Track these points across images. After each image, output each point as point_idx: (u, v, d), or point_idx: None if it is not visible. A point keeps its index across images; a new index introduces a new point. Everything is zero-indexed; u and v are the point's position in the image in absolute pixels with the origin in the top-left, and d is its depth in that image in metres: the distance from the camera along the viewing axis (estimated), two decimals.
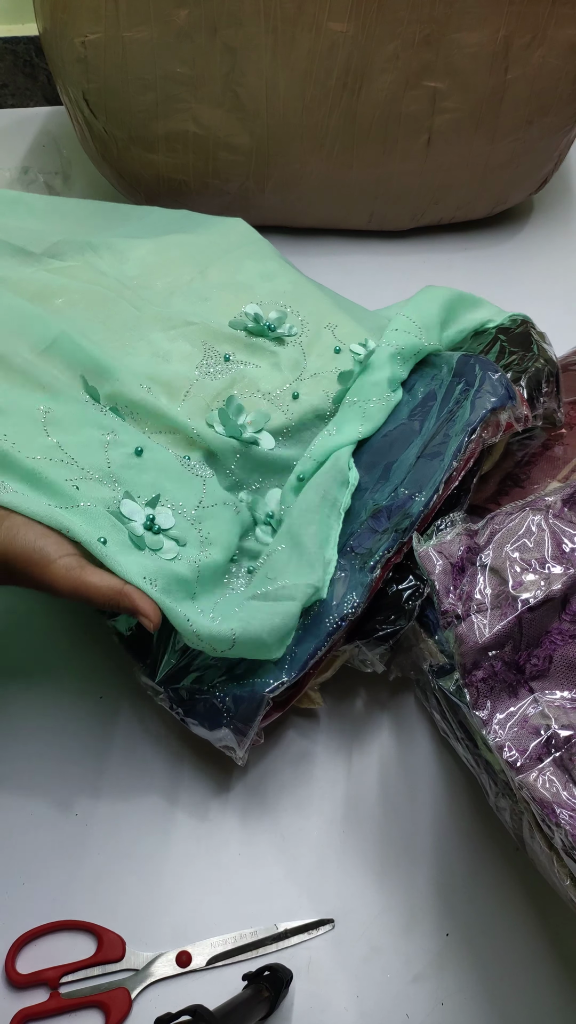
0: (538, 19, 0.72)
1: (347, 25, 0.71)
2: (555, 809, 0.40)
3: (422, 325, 0.61)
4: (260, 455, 0.58)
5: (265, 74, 0.71)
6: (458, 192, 0.85)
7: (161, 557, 0.49)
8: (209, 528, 0.53)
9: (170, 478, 0.53)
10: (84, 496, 0.49)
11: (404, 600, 0.53)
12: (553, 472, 0.63)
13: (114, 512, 0.50)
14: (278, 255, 0.72)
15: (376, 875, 0.53)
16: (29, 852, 0.53)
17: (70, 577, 0.45)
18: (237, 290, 0.67)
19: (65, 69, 0.77)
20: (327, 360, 0.62)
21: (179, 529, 0.52)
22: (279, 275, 0.69)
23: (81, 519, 0.48)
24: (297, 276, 0.70)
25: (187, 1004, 0.43)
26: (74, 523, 0.47)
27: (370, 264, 0.89)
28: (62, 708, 0.59)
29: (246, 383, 0.60)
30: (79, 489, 0.49)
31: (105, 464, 0.51)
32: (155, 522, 0.51)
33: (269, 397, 0.60)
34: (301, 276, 0.70)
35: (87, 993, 0.49)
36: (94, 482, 0.50)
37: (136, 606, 0.46)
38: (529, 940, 0.51)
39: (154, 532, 0.50)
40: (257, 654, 0.50)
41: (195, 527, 0.52)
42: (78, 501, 0.48)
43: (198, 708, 0.51)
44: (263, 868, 0.53)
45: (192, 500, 0.53)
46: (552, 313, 0.72)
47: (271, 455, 0.58)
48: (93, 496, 0.49)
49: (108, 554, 0.47)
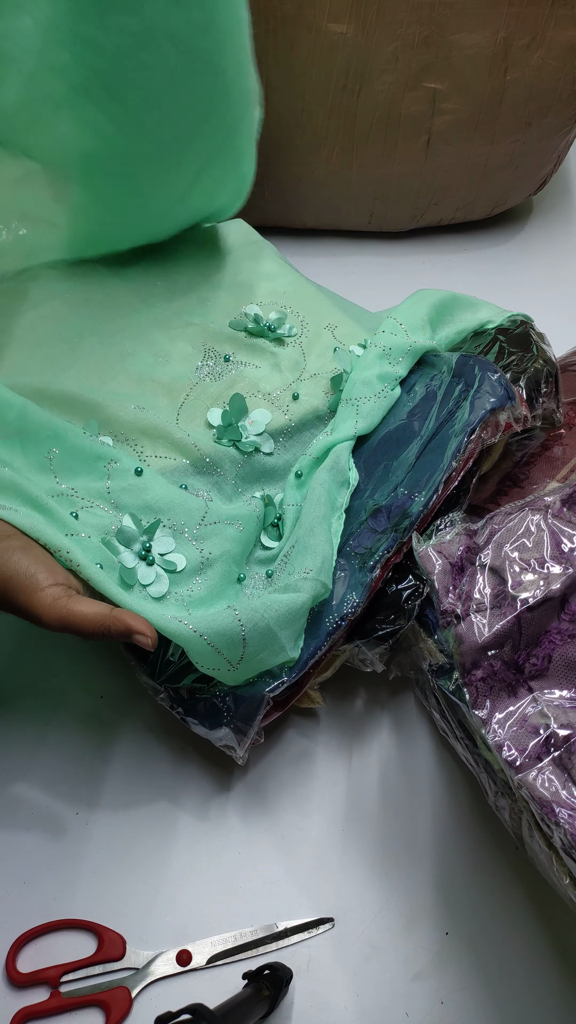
0: (537, 20, 0.72)
1: (346, 26, 0.72)
2: (554, 808, 0.40)
3: (409, 326, 0.61)
4: (260, 464, 0.58)
5: (265, 75, 0.70)
6: (458, 193, 0.86)
7: (149, 595, 0.50)
8: (211, 547, 0.53)
9: (170, 498, 0.53)
10: (83, 526, 0.50)
11: (404, 600, 0.53)
12: (552, 472, 0.63)
13: (106, 542, 0.50)
14: (278, 255, 0.72)
15: (376, 874, 0.53)
16: (29, 852, 0.53)
17: (57, 606, 0.44)
18: (237, 290, 0.67)
19: None
20: (327, 361, 0.63)
21: (180, 551, 0.52)
22: (279, 276, 0.70)
23: (79, 547, 0.48)
24: (296, 276, 0.70)
25: (187, 1003, 0.43)
26: (73, 548, 0.47)
27: (370, 265, 0.89)
28: (62, 708, 0.59)
29: (246, 384, 0.61)
30: (78, 519, 0.50)
31: (105, 491, 0.52)
32: (151, 551, 0.51)
33: (269, 398, 0.60)
34: (301, 277, 0.71)
35: (87, 992, 0.49)
36: (95, 509, 0.51)
37: (128, 626, 0.45)
38: (529, 939, 0.51)
39: (148, 563, 0.51)
40: (271, 649, 0.49)
41: (196, 546, 0.52)
42: (79, 531, 0.49)
43: (198, 707, 0.52)
44: (263, 867, 0.53)
45: (194, 519, 0.53)
46: (551, 314, 0.73)
47: (271, 463, 0.58)
48: (92, 524, 0.50)
49: (103, 580, 0.47)
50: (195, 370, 0.61)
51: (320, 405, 0.61)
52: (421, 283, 0.68)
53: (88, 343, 0.61)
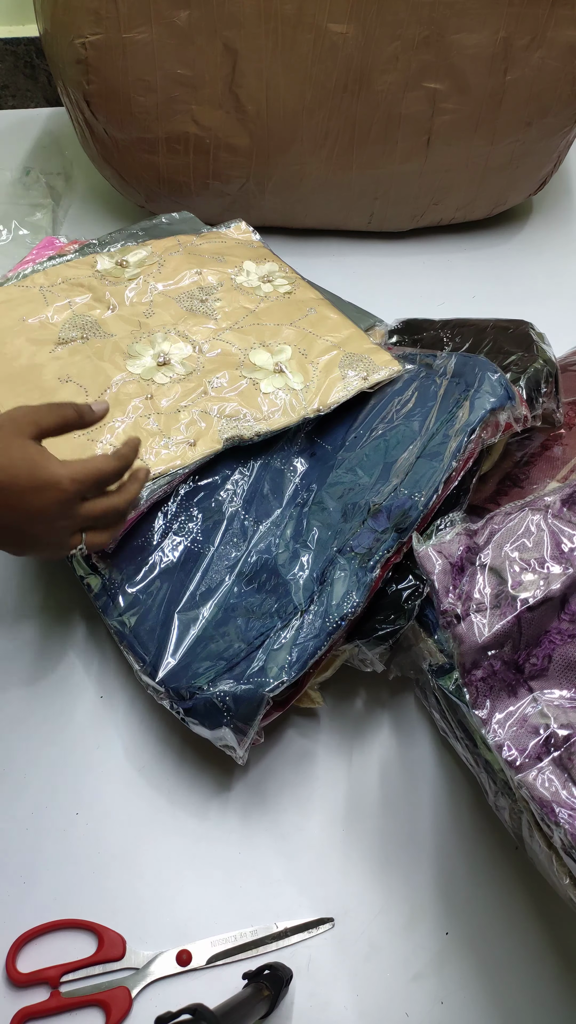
0: (537, 21, 0.72)
1: (347, 27, 0.72)
2: (554, 808, 0.40)
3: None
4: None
5: (265, 75, 0.71)
6: (458, 193, 0.86)
7: None
8: None
9: None
10: None
11: (404, 600, 0.53)
12: (552, 472, 0.63)
13: None
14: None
15: (376, 874, 0.53)
16: (29, 852, 0.53)
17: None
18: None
19: (65, 70, 0.77)
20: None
21: None
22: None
23: None
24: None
25: (187, 1003, 0.43)
26: None
27: (370, 265, 0.89)
28: (62, 708, 0.59)
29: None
30: None
31: None
32: None
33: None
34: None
35: (88, 992, 0.49)
36: None
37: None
38: (528, 939, 0.51)
39: None
40: None
41: None
42: None
43: (198, 707, 0.52)
44: (263, 867, 0.53)
45: None
46: (551, 313, 0.73)
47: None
48: None
49: None
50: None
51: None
52: (421, 283, 0.68)
53: None
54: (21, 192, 0.95)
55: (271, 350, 0.65)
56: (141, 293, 0.68)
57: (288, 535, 0.58)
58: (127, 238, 0.74)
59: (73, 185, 0.98)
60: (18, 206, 0.93)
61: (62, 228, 0.94)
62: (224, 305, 0.68)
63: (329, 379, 0.63)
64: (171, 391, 0.62)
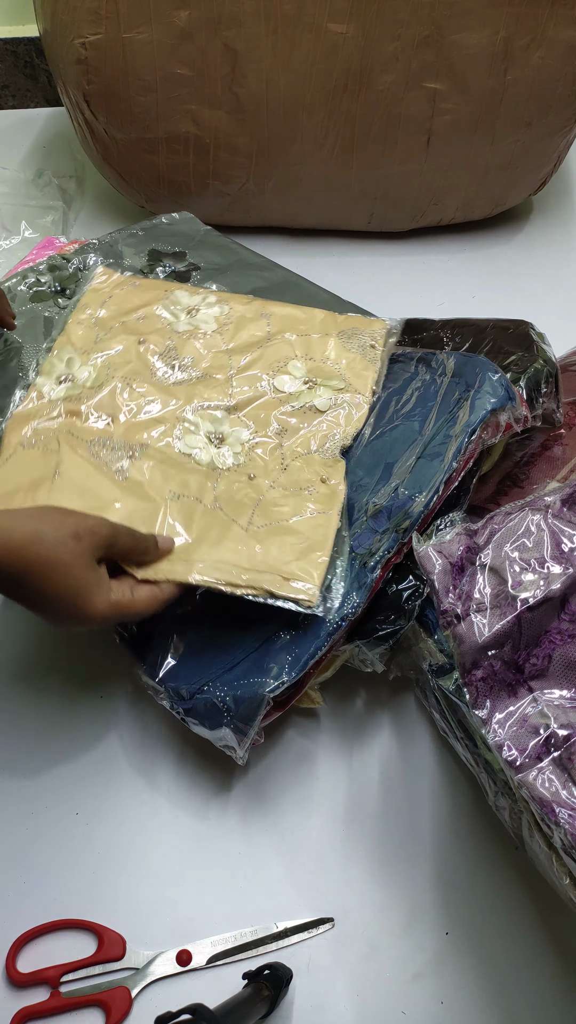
0: (537, 21, 0.72)
1: (347, 26, 0.72)
2: (554, 808, 0.40)
3: None
4: None
5: (265, 75, 0.71)
6: (458, 193, 0.86)
7: None
8: None
9: None
10: None
11: (404, 600, 0.53)
12: (552, 472, 0.63)
13: None
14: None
15: (376, 874, 0.53)
16: (29, 852, 0.53)
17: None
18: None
19: (65, 70, 0.77)
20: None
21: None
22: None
23: None
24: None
25: (187, 1003, 0.43)
26: None
27: (370, 265, 0.89)
28: (62, 708, 0.59)
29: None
30: None
31: None
32: None
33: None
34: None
35: (87, 992, 0.49)
36: None
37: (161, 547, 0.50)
38: (528, 939, 0.51)
39: None
40: None
41: None
42: None
43: (198, 707, 0.52)
44: (263, 867, 0.53)
45: None
46: (551, 314, 0.73)
47: None
48: None
49: None
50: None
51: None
52: (421, 283, 0.68)
53: None
54: (34, 194, 0.94)
55: (286, 371, 0.62)
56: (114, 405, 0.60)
57: None
58: (127, 238, 0.74)
59: (84, 188, 0.98)
60: (29, 208, 0.93)
61: (72, 232, 0.93)
62: (198, 360, 0.62)
63: (349, 363, 0.63)
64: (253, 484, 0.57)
